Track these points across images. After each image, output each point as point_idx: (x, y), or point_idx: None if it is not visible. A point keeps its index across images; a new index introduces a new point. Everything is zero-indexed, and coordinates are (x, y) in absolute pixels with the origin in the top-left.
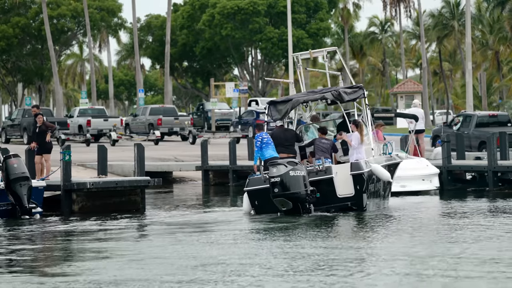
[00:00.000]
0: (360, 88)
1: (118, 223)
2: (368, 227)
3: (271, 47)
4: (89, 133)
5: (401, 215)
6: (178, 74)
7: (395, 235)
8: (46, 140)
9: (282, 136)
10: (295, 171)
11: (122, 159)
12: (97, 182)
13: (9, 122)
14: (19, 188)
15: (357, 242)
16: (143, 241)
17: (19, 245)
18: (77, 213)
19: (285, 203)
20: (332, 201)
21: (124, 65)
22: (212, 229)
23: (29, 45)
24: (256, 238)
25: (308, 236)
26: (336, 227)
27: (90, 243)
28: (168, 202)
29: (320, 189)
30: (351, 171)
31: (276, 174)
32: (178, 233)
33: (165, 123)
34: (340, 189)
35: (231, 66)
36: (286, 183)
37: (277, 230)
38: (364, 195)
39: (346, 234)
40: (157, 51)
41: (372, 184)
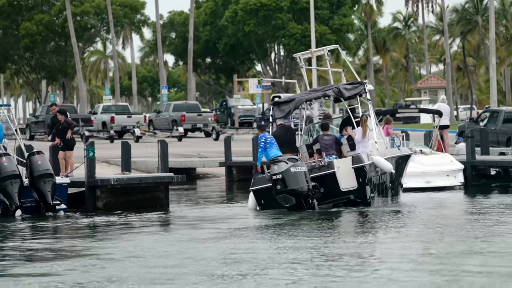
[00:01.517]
0: (360, 84)
1: (142, 219)
2: (372, 222)
3: (294, 43)
4: (113, 129)
5: (411, 210)
6: (201, 70)
7: (400, 231)
8: (67, 137)
9: (284, 136)
10: (296, 167)
11: (145, 156)
12: (121, 178)
13: (33, 119)
14: (43, 185)
15: (359, 237)
16: (168, 238)
17: (44, 240)
18: (101, 209)
19: (288, 199)
20: (336, 195)
21: (147, 61)
22: (239, 225)
23: (52, 42)
24: (266, 233)
25: (310, 231)
26: (340, 222)
27: (113, 240)
28: (192, 198)
29: (324, 184)
30: (353, 164)
31: (278, 171)
32: (203, 229)
33: (189, 120)
34: (343, 183)
35: (254, 62)
36: (288, 180)
37: (283, 226)
38: (367, 187)
39: (347, 229)
40: (180, 47)
41: (376, 177)
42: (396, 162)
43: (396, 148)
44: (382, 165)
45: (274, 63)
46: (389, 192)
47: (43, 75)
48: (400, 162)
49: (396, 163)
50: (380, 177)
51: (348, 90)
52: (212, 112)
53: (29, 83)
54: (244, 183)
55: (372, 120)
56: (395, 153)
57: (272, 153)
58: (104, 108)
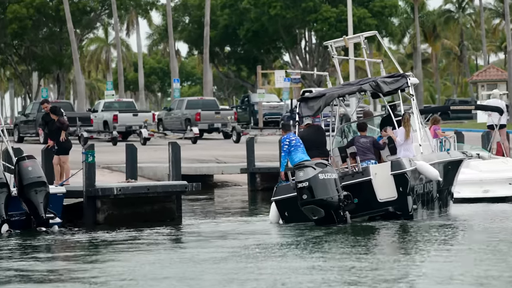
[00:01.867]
0: (402, 77)
1: (150, 235)
2: (415, 239)
3: (327, 29)
4: (116, 130)
5: (464, 224)
6: (220, 61)
7: (450, 249)
8: (60, 139)
9: (313, 137)
10: (325, 173)
11: (154, 161)
12: (126, 187)
13: (22, 118)
14: (35, 195)
15: (401, 257)
16: (173, 257)
17: (32, 262)
18: (102, 224)
19: (315, 211)
20: (372, 207)
21: (156, 50)
22: (255, 242)
23: (45, 28)
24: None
25: (344, 249)
26: (377, 238)
27: (116, 261)
28: (208, 211)
29: (358, 194)
30: (392, 170)
31: (304, 178)
32: (215, 248)
33: (205, 118)
34: (380, 192)
35: (281, 51)
36: (315, 188)
37: (308, 242)
38: (409, 197)
39: (386, 248)
40: (194, 34)
41: (419, 185)
42: (445, 168)
43: (445, 152)
44: (427, 172)
45: (304, 52)
46: (436, 203)
47: (34, 66)
48: (449, 169)
49: (445, 170)
50: (425, 186)
51: (387, 84)
52: (232, 110)
53: (18, 75)
54: (270, 193)
55: (416, 119)
56: (443, 158)
57: (298, 157)
58: (106, 105)
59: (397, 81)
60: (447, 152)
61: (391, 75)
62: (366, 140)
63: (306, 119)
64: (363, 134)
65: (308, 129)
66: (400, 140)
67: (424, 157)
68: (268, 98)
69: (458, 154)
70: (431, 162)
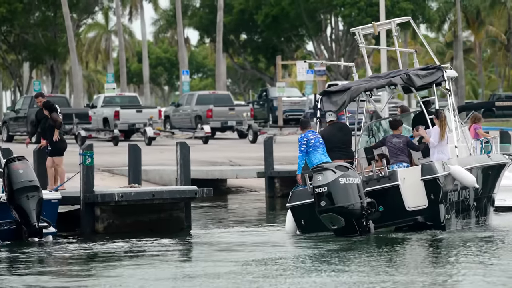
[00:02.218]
0: (438, 69)
1: (155, 247)
2: (448, 252)
3: (356, 14)
4: (118, 128)
5: (504, 236)
6: (234, 50)
7: (487, 263)
8: (53, 138)
9: (336, 137)
10: (346, 178)
11: (160, 163)
12: (128, 193)
13: (12, 114)
14: (26, 201)
15: (431, 273)
16: (173, 271)
17: (24, 277)
18: (101, 233)
19: (335, 220)
20: (400, 216)
21: (163, 38)
22: (266, 256)
23: (38, 12)
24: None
25: (363, 264)
26: (403, 252)
27: (116, 276)
28: (220, 220)
29: (384, 201)
30: (422, 175)
31: (322, 183)
32: (220, 261)
33: (217, 115)
34: (409, 200)
35: (304, 39)
36: (335, 194)
37: (323, 257)
38: (441, 206)
39: (414, 262)
40: (206, 20)
41: (453, 192)
42: (484, 174)
43: (485, 155)
44: (463, 178)
45: (330, 40)
46: (473, 212)
47: (25, 55)
48: (489, 174)
49: (484, 175)
50: (460, 193)
51: (421, 78)
52: (249, 106)
53: (7, 66)
54: None
55: (452, 118)
56: (482, 162)
57: (317, 159)
58: (106, 100)
59: (431, 74)
60: (487, 155)
61: (425, 67)
62: (399, 141)
63: (330, 115)
64: (396, 133)
65: (331, 127)
66: (433, 141)
67: (460, 161)
68: (288, 93)
69: (500, 158)
70: (467, 166)
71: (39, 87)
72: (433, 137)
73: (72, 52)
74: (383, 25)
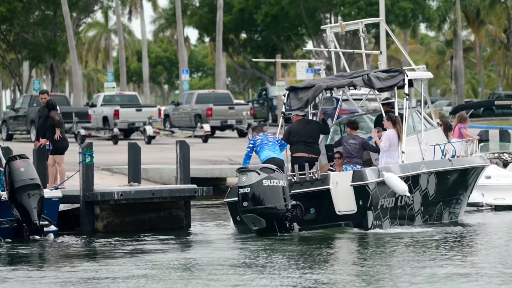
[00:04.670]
0: (400, 73)
1: (154, 246)
2: (374, 253)
3: (356, 13)
4: (117, 127)
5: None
6: (234, 49)
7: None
8: (55, 137)
9: (304, 131)
10: (270, 180)
11: (160, 162)
12: (128, 191)
13: (12, 113)
14: (27, 199)
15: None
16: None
17: (25, 272)
18: (101, 232)
19: (256, 221)
20: (330, 219)
21: (163, 37)
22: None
23: (37, 11)
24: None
25: (291, 264)
26: (327, 252)
27: (116, 278)
28: (220, 218)
29: (315, 204)
30: (352, 181)
31: (246, 184)
32: (232, 261)
33: (217, 114)
34: (339, 204)
35: (304, 38)
36: (258, 196)
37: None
38: (370, 212)
39: (336, 262)
40: (206, 19)
41: (386, 199)
42: (440, 178)
43: (446, 159)
44: (393, 185)
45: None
46: (419, 218)
47: (25, 54)
48: (448, 178)
49: (440, 180)
50: (399, 199)
51: (381, 80)
52: (248, 105)
53: (7, 65)
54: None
55: (404, 124)
56: (437, 166)
57: (263, 155)
58: (106, 99)
59: (393, 77)
60: (448, 160)
61: (388, 69)
62: (355, 142)
63: (301, 110)
64: (353, 133)
65: (298, 122)
66: (383, 146)
67: (403, 167)
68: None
69: (468, 161)
70: (416, 172)
71: (39, 86)
72: (383, 142)
73: (72, 51)
74: (351, 25)
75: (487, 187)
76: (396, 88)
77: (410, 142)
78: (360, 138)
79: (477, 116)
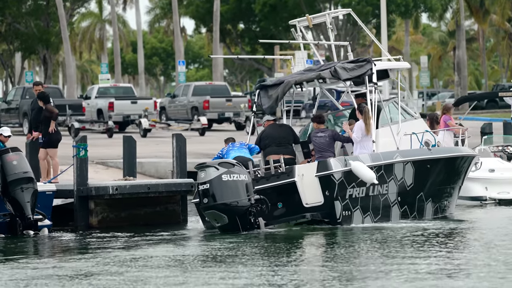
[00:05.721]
0: (367, 62)
1: (150, 242)
2: (340, 249)
3: (357, 3)
4: (112, 120)
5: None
6: (231, 40)
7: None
8: (49, 130)
9: (276, 134)
10: (230, 174)
11: (156, 155)
12: (123, 186)
13: (4, 106)
14: (21, 193)
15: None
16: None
17: (18, 270)
18: (95, 227)
19: (218, 217)
20: (297, 212)
21: (158, 28)
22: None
23: (30, 1)
24: None
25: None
26: (294, 248)
27: (109, 275)
28: None
29: (282, 197)
30: (317, 172)
31: (205, 180)
32: (229, 257)
33: (214, 107)
34: (306, 197)
35: (303, 29)
36: (217, 191)
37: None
38: (337, 202)
39: (302, 259)
40: (202, 8)
41: (356, 189)
42: (418, 167)
43: (424, 148)
44: (360, 174)
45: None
46: (396, 209)
47: (17, 45)
48: (428, 168)
49: (418, 169)
50: (371, 189)
51: (347, 71)
52: (246, 97)
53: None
54: None
55: (372, 112)
56: (414, 155)
57: (232, 155)
58: (100, 91)
59: (360, 67)
60: (428, 149)
61: (355, 59)
62: (324, 135)
63: (272, 115)
64: (319, 127)
65: (270, 126)
66: (356, 137)
67: (374, 156)
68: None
69: (451, 150)
70: (388, 161)
71: (32, 77)
72: (355, 133)
73: (65, 42)
74: (319, 18)
75: (491, 180)
76: (367, 79)
77: (385, 133)
78: (329, 131)
79: (480, 108)
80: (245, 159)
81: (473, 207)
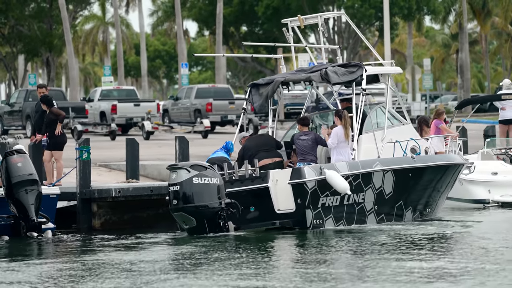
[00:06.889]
0: (359, 67)
1: (153, 245)
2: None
3: (359, 5)
4: (115, 122)
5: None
6: (234, 42)
7: None
8: (55, 132)
9: (260, 142)
10: (201, 177)
11: (159, 158)
12: (126, 188)
13: (7, 108)
14: (25, 195)
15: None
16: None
17: (22, 272)
18: (98, 230)
19: (186, 219)
20: (269, 218)
21: (161, 30)
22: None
23: (33, 4)
24: None
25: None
26: (261, 253)
27: (112, 279)
28: None
29: (254, 202)
30: (290, 179)
31: (175, 181)
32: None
33: (217, 109)
34: (279, 203)
35: (305, 31)
36: (188, 194)
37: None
38: (308, 211)
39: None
40: (205, 11)
41: (329, 197)
42: (399, 176)
43: (408, 157)
44: (334, 183)
45: (332, 32)
46: (372, 217)
47: (20, 48)
48: (410, 177)
49: (399, 177)
50: (346, 197)
51: (338, 75)
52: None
53: (1, 59)
54: None
55: (354, 120)
56: (395, 164)
57: (214, 155)
58: (103, 94)
59: (351, 73)
60: (412, 157)
61: (347, 63)
62: (307, 138)
63: (246, 131)
64: (303, 129)
65: (248, 140)
66: (331, 143)
67: (352, 164)
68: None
69: (436, 159)
70: (366, 169)
71: (35, 80)
72: (331, 139)
73: (68, 44)
74: (310, 19)
75: (493, 183)
76: (354, 84)
77: (368, 139)
78: (312, 134)
79: (483, 111)
80: (222, 159)
81: (476, 210)
